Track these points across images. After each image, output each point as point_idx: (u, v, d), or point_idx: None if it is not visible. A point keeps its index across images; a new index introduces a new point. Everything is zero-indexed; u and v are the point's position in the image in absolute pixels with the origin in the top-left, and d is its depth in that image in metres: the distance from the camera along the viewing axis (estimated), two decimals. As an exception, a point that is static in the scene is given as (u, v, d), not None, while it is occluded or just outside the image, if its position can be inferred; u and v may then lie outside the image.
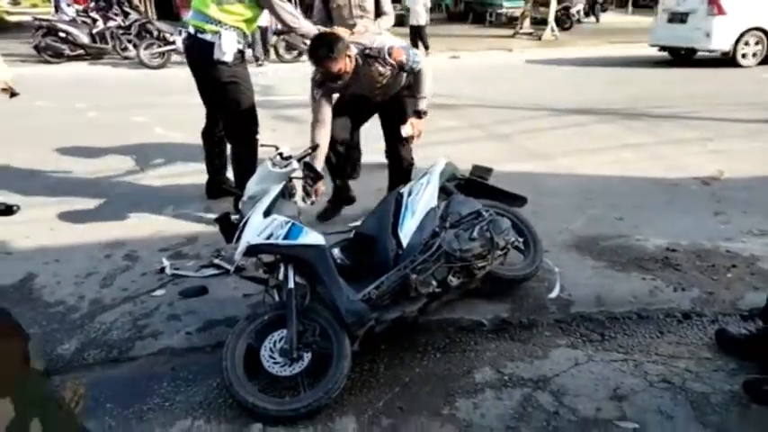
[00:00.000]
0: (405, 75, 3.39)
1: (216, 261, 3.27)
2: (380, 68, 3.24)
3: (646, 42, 11.48)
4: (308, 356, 2.30)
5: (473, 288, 2.82)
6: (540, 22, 15.86)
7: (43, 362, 1.00)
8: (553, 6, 15.14)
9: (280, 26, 11.47)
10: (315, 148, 2.83)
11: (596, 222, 3.81)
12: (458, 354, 2.56)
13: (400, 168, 3.78)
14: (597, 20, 19.11)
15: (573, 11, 17.59)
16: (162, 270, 3.26)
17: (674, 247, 3.42)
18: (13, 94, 3.82)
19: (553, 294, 2.98)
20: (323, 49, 2.98)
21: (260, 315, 2.43)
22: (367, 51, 3.20)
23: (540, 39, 14.90)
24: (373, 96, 3.47)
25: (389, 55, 3.21)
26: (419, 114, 3.42)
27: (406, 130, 3.40)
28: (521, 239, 3.02)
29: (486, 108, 7.27)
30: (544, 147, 5.54)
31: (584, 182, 4.58)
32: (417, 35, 12.08)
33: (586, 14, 19.22)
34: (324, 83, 3.21)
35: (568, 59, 11.85)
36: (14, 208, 4.06)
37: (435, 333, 2.70)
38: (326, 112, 3.27)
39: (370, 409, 2.24)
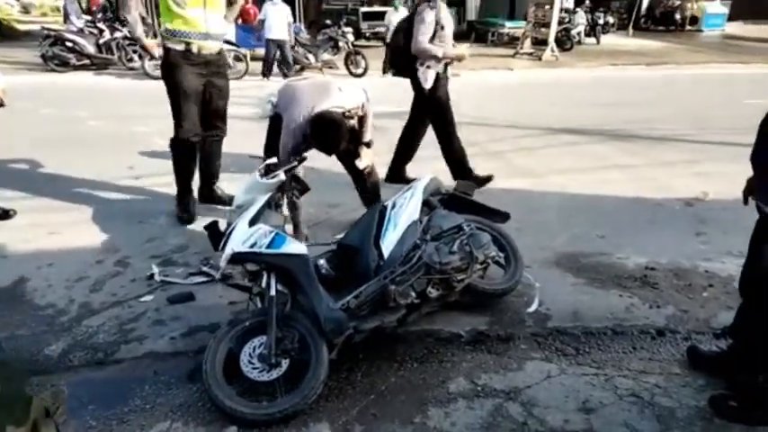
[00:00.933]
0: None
1: (204, 269, 3.38)
2: (354, 125, 3.47)
3: (645, 64, 11.61)
4: (285, 363, 2.37)
5: (453, 300, 2.89)
6: (540, 43, 16.03)
7: None
8: (554, 27, 15.32)
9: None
10: (301, 160, 2.92)
11: (579, 240, 3.88)
12: (434, 364, 2.62)
13: (369, 191, 3.89)
14: (598, 41, 19.29)
15: (573, 32, 17.79)
16: (151, 276, 3.36)
17: (654, 266, 3.49)
18: (0, 104, 3.87)
19: (531, 309, 3.05)
20: (343, 139, 3.20)
21: (241, 321, 2.49)
22: (346, 114, 3.36)
23: (540, 59, 15.06)
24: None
25: (362, 108, 3.50)
26: (368, 145, 3.69)
27: (362, 164, 3.66)
28: (501, 254, 3.10)
29: (483, 126, 7.37)
30: (535, 165, 5.63)
31: (571, 200, 4.66)
32: None
33: (587, 35, 19.44)
34: (303, 151, 3.25)
35: (568, 80, 12.00)
36: (11, 212, 4.14)
37: (414, 344, 2.76)
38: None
39: (344, 416, 2.30)
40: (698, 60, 14.76)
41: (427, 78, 4.53)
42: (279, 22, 11.06)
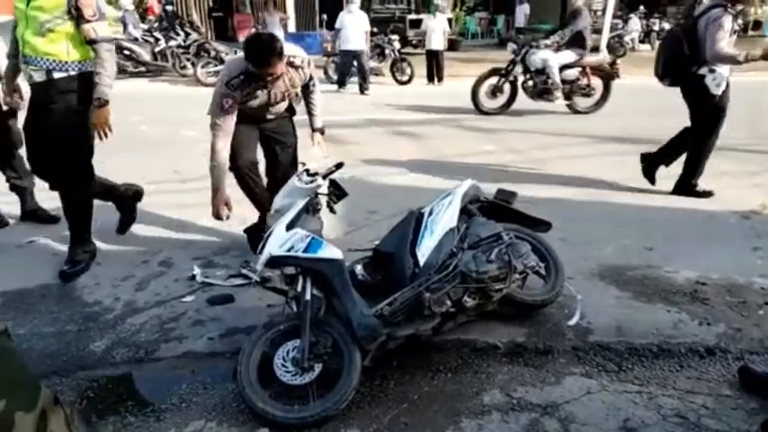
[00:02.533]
0: (299, 94, 3.59)
1: (243, 271, 3.43)
2: (297, 78, 3.41)
3: (700, 71, 11.15)
4: (318, 367, 2.37)
5: (490, 310, 2.83)
6: (591, 49, 15.70)
7: (3, 324, 1.08)
8: (605, 33, 14.96)
9: (331, 48, 11.88)
10: (340, 165, 2.92)
11: (625, 252, 3.74)
12: (469, 375, 2.57)
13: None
14: (653, 48, 18.75)
15: (627, 38, 17.34)
16: (193, 277, 3.44)
17: (704, 281, 3.33)
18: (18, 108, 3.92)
19: (572, 321, 2.95)
20: (273, 48, 3.04)
21: (276, 324, 2.51)
22: (292, 59, 3.30)
23: (590, 66, 14.74)
24: (269, 112, 3.48)
25: (308, 65, 3.44)
26: (322, 131, 3.67)
27: (316, 151, 3.60)
28: (542, 264, 3.02)
29: (526, 134, 7.25)
30: (580, 174, 5.48)
31: (618, 211, 4.50)
32: (435, 60, 11.79)
33: (641, 42, 18.91)
34: (239, 88, 3.17)
35: (618, 87, 11.64)
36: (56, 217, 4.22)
37: (448, 353, 2.72)
38: (232, 124, 3.26)
39: (376, 424, 2.28)
40: (759, 68, 14.06)
41: (720, 84, 4.56)
42: (357, 32, 10.46)
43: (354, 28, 10.45)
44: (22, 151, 4.00)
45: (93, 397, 2.45)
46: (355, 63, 10.66)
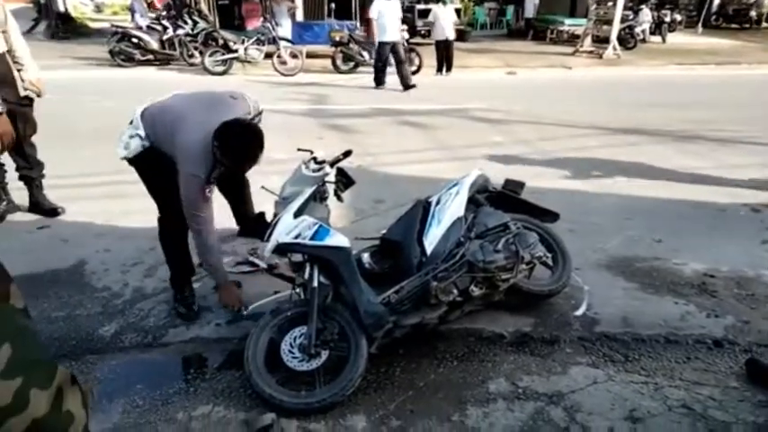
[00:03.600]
0: None
1: (251, 258, 3.44)
2: None
3: (714, 64, 11.03)
4: (325, 354, 2.39)
5: (497, 300, 2.83)
6: (602, 41, 15.53)
7: (23, 302, 1.09)
8: (616, 25, 14.81)
9: (340, 39, 11.82)
10: (347, 153, 2.92)
11: (634, 243, 3.73)
12: (475, 363, 2.58)
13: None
14: (664, 40, 18.52)
15: (637, 30, 17.14)
16: (200, 264, 3.44)
17: (713, 273, 3.31)
18: (38, 95, 3.91)
19: (579, 312, 2.95)
20: (262, 143, 2.54)
21: (283, 311, 2.53)
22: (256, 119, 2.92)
23: (601, 57, 14.58)
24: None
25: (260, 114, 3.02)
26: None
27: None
28: (549, 255, 3.01)
29: (536, 125, 7.20)
30: (589, 166, 5.45)
31: (627, 202, 4.48)
32: (445, 50, 11.54)
33: (652, 34, 18.70)
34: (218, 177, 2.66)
35: (630, 79, 11.57)
36: (59, 210, 4.19)
37: (455, 342, 2.72)
38: (212, 209, 2.77)
39: (382, 410, 2.29)
40: (772, 60, 13.95)
41: None
42: (394, 21, 9.57)
43: (392, 16, 9.52)
44: (35, 139, 4.03)
45: (102, 380, 2.47)
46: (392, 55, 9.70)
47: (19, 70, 3.76)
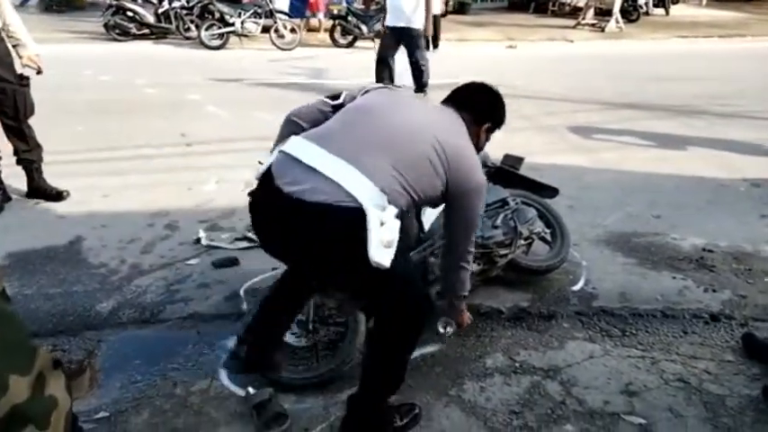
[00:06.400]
0: None
1: (248, 234, 3.43)
2: None
3: (717, 36, 10.87)
4: (323, 329, 2.39)
5: (495, 276, 2.83)
6: (604, 13, 15.28)
7: (1, 284, 1.07)
8: (619, -3, 14.60)
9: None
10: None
11: (633, 219, 3.71)
12: (473, 338, 2.58)
13: None
14: (667, 12, 18.24)
15: (641, 2, 16.87)
16: (198, 240, 3.44)
17: (711, 248, 3.31)
18: (38, 72, 3.79)
19: (576, 287, 2.95)
20: None
21: (281, 287, 2.52)
22: None
23: (603, 30, 14.37)
24: None
25: None
26: None
27: None
28: (548, 230, 3.00)
29: (536, 99, 7.13)
30: (590, 141, 5.42)
31: (627, 178, 4.45)
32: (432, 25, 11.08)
33: (656, 6, 18.41)
34: None
35: (632, 53, 11.43)
36: (65, 194, 4.05)
37: (452, 317, 2.72)
38: None
39: (379, 384, 2.29)
40: (775, 33, 13.77)
41: None
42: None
43: None
44: (32, 121, 3.92)
45: (100, 356, 2.48)
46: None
47: (15, 46, 3.66)
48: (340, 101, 2.03)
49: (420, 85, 7.10)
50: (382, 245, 1.65)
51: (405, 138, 1.82)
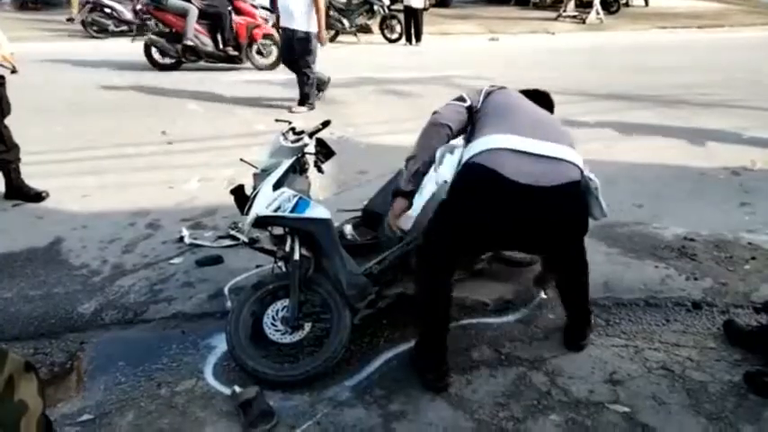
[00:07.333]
0: None
1: (232, 232, 3.41)
2: None
3: (696, 27, 10.98)
4: (308, 326, 2.39)
5: (480, 269, 2.83)
6: (585, 5, 15.36)
7: None
8: (599, -12, 14.67)
9: None
10: (326, 123, 2.86)
11: (615, 209, 3.71)
12: (458, 331, 2.58)
13: None
14: (647, 3, 18.36)
15: (621, -7, 16.98)
16: (181, 239, 3.41)
17: (693, 237, 3.35)
18: (13, 71, 3.73)
19: (561, 278, 2.96)
20: None
21: (265, 284, 2.51)
22: None
23: (584, 22, 14.45)
24: None
25: None
26: None
27: None
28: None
29: (518, 91, 7.14)
30: (572, 131, 5.41)
31: (608, 168, 4.45)
32: (413, 19, 11.12)
33: (636, -3, 18.54)
34: None
35: (612, 44, 11.50)
36: (44, 194, 4.00)
37: (438, 310, 2.72)
38: None
39: (365, 381, 2.30)
40: (756, 23, 13.95)
41: None
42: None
43: None
44: (8, 121, 3.85)
45: (83, 358, 2.45)
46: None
47: None
48: (468, 103, 2.46)
49: (303, 95, 6.17)
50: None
51: (554, 121, 2.62)
